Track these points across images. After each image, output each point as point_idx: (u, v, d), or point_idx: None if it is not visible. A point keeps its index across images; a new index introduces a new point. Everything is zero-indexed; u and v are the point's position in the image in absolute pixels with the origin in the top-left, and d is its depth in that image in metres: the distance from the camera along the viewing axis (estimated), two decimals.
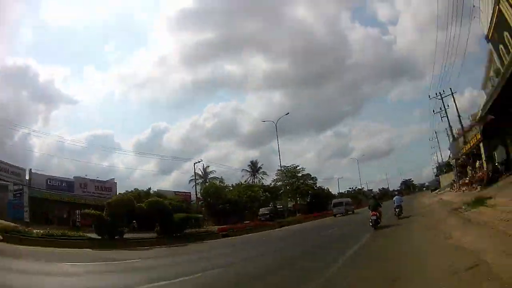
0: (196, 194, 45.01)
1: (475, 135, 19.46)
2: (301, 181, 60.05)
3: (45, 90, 77.97)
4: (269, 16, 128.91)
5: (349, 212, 39.88)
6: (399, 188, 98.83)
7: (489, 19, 17.48)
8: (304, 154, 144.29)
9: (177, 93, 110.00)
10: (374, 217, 14.18)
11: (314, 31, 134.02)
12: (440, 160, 63.57)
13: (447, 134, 49.95)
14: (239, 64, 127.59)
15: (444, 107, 31.19)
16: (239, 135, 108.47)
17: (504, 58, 16.62)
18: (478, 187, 16.73)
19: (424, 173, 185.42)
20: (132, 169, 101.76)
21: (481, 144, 17.76)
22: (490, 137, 17.38)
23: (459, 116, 29.10)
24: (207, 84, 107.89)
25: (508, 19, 14.97)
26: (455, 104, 29.83)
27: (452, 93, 29.99)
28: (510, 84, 11.20)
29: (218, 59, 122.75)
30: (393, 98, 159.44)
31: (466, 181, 21.23)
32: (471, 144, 20.63)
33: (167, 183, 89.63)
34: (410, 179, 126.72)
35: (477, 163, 19.51)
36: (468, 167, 22.17)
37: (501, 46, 16.96)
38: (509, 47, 15.80)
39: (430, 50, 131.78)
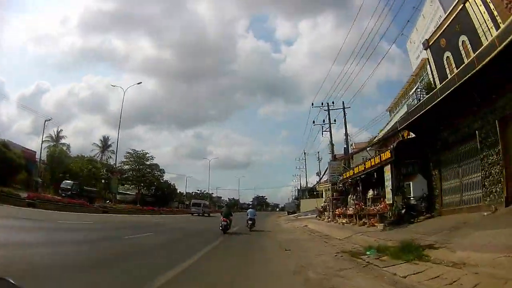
0: (40, 155, 38.79)
1: (375, 156, 15.29)
2: (148, 170, 56.83)
3: None
4: (170, 3, 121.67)
5: (205, 214, 42.66)
6: (251, 202, 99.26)
7: (438, 23, 14.46)
8: (163, 146, 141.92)
9: (66, 56, 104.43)
10: (225, 223, 14.99)
11: (206, 30, 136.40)
12: (304, 183, 63.93)
13: (318, 158, 52.53)
14: (126, 42, 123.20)
15: (330, 120, 26.58)
16: (107, 112, 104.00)
17: (448, 67, 12.88)
18: (380, 225, 11.71)
19: (280, 194, 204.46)
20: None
21: (388, 167, 13.19)
22: (400, 162, 13.00)
23: (346, 135, 26.15)
24: (93, 54, 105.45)
25: (473, 19, 11.24)
26: (345, 122, 26.51)
27: (344, 110, 26.59)
28: (450, 99, 9.62)
29: (110, 32, 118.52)
30: (263, 114, 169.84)
31: (349, 211, 16.77)
32: (364, 167, 16.48)
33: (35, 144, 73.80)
34: (264, 196, 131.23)
35: (370, 192, 15.23)
36: (351, 196, 18.15)
37: (447, 54, 13.16)
38: (463, 53, 11.88)
39: (316, 80, 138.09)
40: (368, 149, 20.78)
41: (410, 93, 20.31)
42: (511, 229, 6.53)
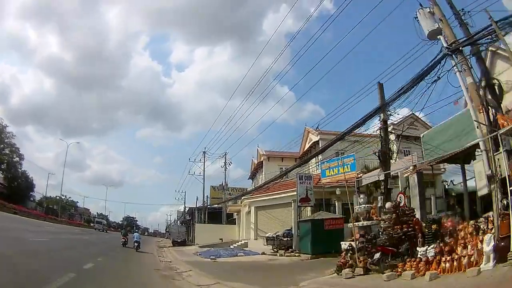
0: None
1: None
2: (3, 147, 45.87)
3: None
4: (80, 3, 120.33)
5: (104, 230, 55.84)
6: (121, 222, 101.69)
7: None
8: (47, 151, 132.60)
9: None
10: (124, 240, 23.10)
11: (108, 38, 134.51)
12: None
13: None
14: (38, 35, 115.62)
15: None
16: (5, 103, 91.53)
17: None
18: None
19: (150, 219, 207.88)
20: None
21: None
22: None
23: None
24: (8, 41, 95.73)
25: None
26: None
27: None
28: None
29: (27, 21, 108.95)
30: (141, 135, 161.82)
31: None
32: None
33: None
34: (135, 217, 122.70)
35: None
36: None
37: None
38: None
39: (200, 111, 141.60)
40: None
41: None
42: None
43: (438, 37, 9.90)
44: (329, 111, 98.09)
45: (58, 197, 63.95)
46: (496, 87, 9.31)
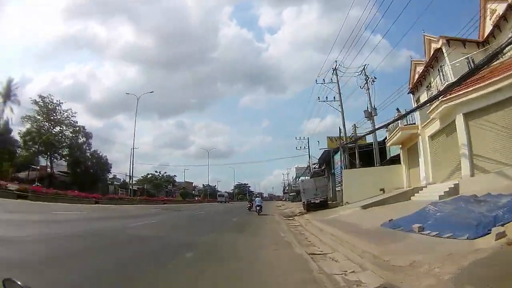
0: None
1: None
2: (63, 128, 38.75)
3: None
4: None
5: (227, 202, 62.35)
6: (232, 190, 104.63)
7: None
8: (143, 135, 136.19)
9: (48, 44, 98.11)
10: (249, 205, 27.30)
11: (189, 16, 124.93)
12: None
13: None
14: (107, 29, 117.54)
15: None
16: (88, 100, 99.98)
17: None
18: None
19: (263, 184, 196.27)
20: None
21: None
22: None
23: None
24: (74, 41, 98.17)
25: None
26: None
27: None
28: None
29: (90, 17, 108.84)
30: (244, 103, 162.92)
31: None
32: None
33: None
34: (247, 184, 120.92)
35: None
36: None
37: None
38: None
39: (300, 68, 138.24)
40: None
41: None
42: None
43: None
44: None
45: (150, 175, 62.29)
46: None
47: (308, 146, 46.25)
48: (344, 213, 15.80)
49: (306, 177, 41.83)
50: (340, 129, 27.14)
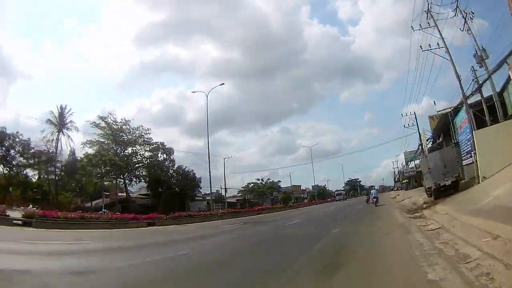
0: None
1: None
2: (136, 148, 36.47)
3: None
4: (225, 1, 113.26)
5: (345, 199, 72.19)
6: (343, 187, 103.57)
7: None
8: (248, 147, 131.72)
9: (126, 74, 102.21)
10: (367, 198, 31.36)
11: (269, 22, 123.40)
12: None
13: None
14: (188, 49, 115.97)
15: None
16: (183, 122, 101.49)
17: None
18: None
19: (372, 176, 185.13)
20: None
21: None
22: None
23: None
24: (159, 66, 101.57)
25: None
26: None
27: None
28: None
29: (167, 42, 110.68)
30: (343, 99, 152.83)
31: None
32: None
33: None
34: (358, 179, 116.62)
35: None
36: None
37: None
38: None
39: (389, 55, 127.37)
40: None
41: None
42: None
43: None
44: None
45: (252, 184, 59.32)
46: None
47: (416, 122, 37.47)
48: (500, 193, 8.97)
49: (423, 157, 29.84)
50: (459, 79, 17.64)
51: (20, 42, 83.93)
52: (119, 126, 35.59)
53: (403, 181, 66.16)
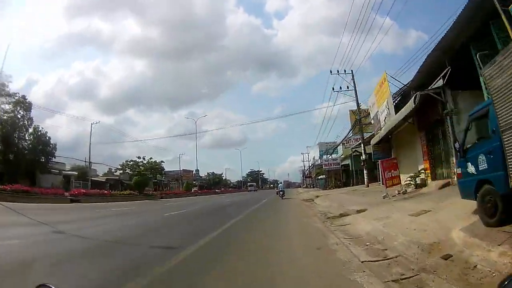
0: None
1: None
2: None
3: None
4: None
5: (256, 190, 74.72)
6: (244, 177, 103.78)
7: None
8: (155, 129, 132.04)
9: (52, 44, 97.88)
10: (277, 190, 31.96)
11: (194, 4, 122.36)
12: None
13: None
14: (111, 23, 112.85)
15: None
16: (97, 97, 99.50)
17: None
18: None
19: (277, 171, 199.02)
20: None
21: None
22: None
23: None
24: (79, 38, 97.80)
25: None
26: None
27: None
28: None
29: (94, 14, 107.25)
30: (256, 90, 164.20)
31: None
32: None
33: None
34: (260, 171, 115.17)
35: None
36: None
37: None
38: None
39: (310, 52, 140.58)
40: None
41: None
42: None
43: None
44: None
45: (132, 162, 43.53)
46: None
47: (354, 85, 26.75)
48: None
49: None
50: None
51: None
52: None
53: (319, 177, 47.76)
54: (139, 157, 45.10)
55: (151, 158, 46.23)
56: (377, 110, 19.06)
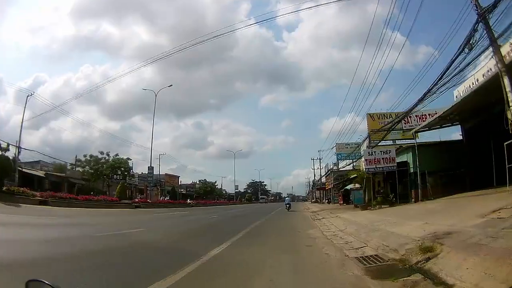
0: None
1: None
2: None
3: None
4: None
5: (267, 202, 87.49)
6: (245, 188, 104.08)
7: None
8: (161, 137, 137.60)
9: (61, 46, 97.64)
10: (285, 203, 33.45)
11: (205, 13, 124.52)
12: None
13: None
14: (120, 29, 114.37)
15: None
16: (103, 102, 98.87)
17: None
18: None
19: (281, 184, 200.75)
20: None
21: None
22: None
23: None
24: (88, 42, 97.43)
25: None
26: None
27: None
28: None
29: (103, 18, 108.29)
30: (264, 103, 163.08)
31: None
32: None
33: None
34: (263, 182, 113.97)
35: None
36: None
37: None
38: None
39: (320, 65, 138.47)
40: None
41: None
42: None
43: None
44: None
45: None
46: None
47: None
48: None
49: None
50: None
51: None
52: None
53: (348, 186, 32.31)
54: (102, 153, 39.11)
55: (116, 155, 40.18)
56: None
